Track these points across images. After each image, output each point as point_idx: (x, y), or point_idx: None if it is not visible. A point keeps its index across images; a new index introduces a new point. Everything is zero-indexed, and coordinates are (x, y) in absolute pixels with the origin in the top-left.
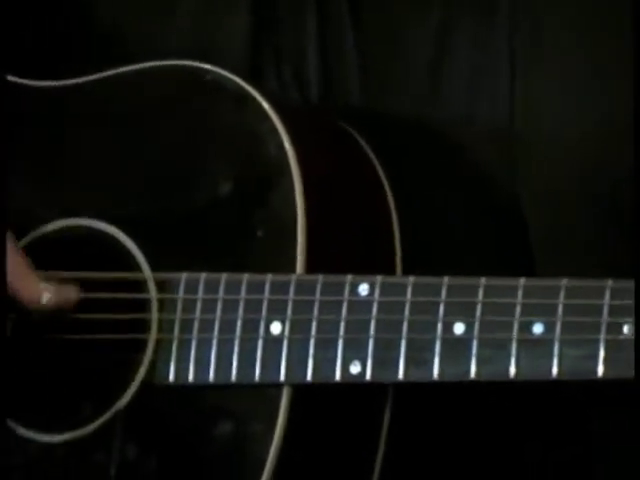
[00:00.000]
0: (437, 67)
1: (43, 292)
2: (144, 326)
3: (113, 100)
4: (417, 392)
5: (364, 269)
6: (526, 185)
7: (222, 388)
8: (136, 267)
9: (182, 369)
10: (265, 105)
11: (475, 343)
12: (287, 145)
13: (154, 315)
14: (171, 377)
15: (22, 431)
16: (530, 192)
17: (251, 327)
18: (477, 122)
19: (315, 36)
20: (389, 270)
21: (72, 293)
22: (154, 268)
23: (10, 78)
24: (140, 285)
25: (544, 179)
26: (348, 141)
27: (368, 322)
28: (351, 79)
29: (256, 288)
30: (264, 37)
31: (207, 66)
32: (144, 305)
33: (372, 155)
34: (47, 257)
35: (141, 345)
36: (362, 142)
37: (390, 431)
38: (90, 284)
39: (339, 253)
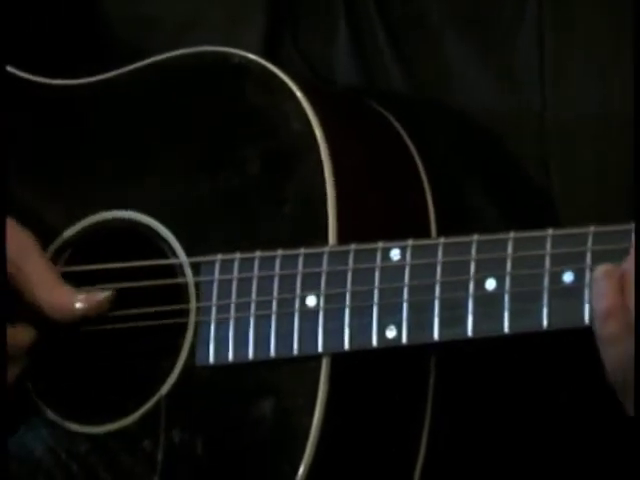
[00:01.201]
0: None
1: (75, 302)
2: (181, 311)
3: (141, 90)
4: (460, 354)
5: (397, 237)
6: (558, 173)
7: (262, 365)
8: (171, 253)
9: (221, 349)
10: (291, 84)
11: (507, 297)
12: (313, 120)
13: (192, 299)
14: (211, 358)
15: (67, 424)
16: (562, 180)
17: (286, 301)
18: (509, 111)
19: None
20: (423, 233)
21: (104, 298)
22: (189, 252)
23: (39, 78)
24: (176, 270)
25: (576, 167)
26: (377, 117)
27: (401, 286)
28: (389, 71)
29: (290, 263)
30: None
31: (233, 50)
32: (181, 290)
33: (403, 132)
34: (83, 251)
35: (180, 330)
36: (392, 119)
37: (436, 396)
38: (127, 273)
39: (370, 223)
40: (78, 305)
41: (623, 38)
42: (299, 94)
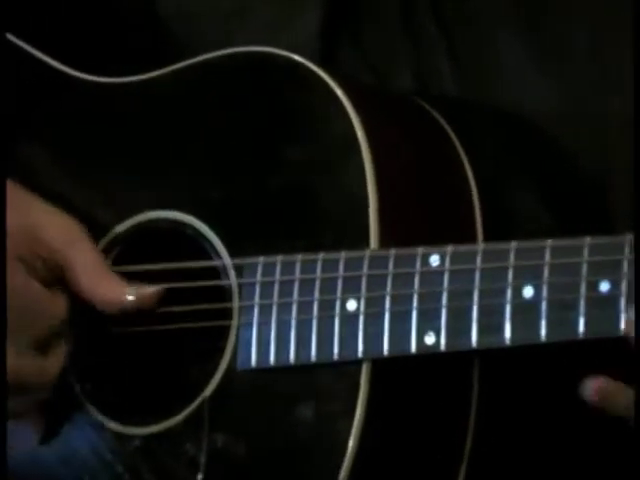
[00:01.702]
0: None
1: (125, 293)
2: (224, 313)
3: (187, 90)
4: (504, 360)
5: (440, 242)
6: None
7: (302, 368)
8: (215, 254)
9: (262, 353)
10: (334, 86)
11: (544, 305)
12: (356, 123)
13: (235, 301)
14: (253, 362)
15: (112, 425)
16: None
17: (327, 305)
18: (566, 112)
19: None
20: (469, 238)
21: (154, 292)
22: (232, 253)
23: (89, 76)
24: (219, 272)
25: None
26: (425, 119)
27: (440, 292)
28: (442, 72)
29: (331, 266)
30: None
31: (277, 51)
32: (223, 291)
33: (451, 133)
34: (128, 251)
35: (222, 332)
36: (439, 119)
37: (480, 402)
38: (170, 274)
39: (412, 228)
40: (128, 297)
41: None
42: (341, 95)
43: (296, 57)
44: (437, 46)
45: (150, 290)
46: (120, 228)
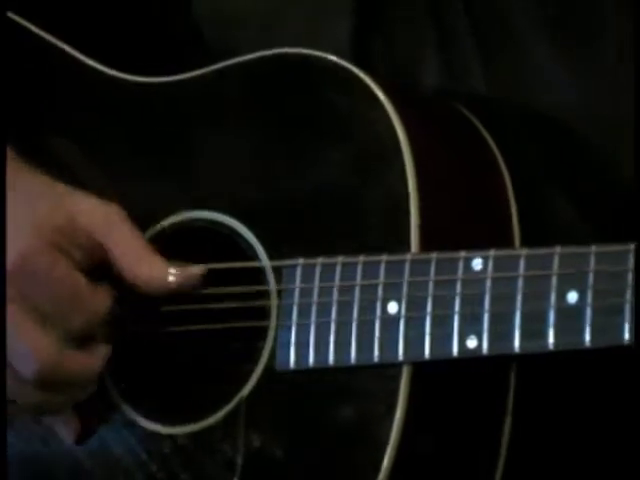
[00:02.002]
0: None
1: (169, 273)
2: (263, 314)
3: (224, 91)
4: (541, 365)
5: (479, 247)
6: None
7: (342, 369)
8: (254, 256)
9: (302, 354)
10: (375, 88)
11: (589, 311)
12: (398, 127)
13: (273, 303)
14: (292, 363)
15: (147, 424)
16: None
17: (368, 308)
18: (602, 115)
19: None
20: (507, 244)
21: (197, 272)
22: (271, 255)
23: (121, 74)
24: (258, 273)
25: None
26: (461, 122)
27: (482, 296)
28: (474, 73)
29: (371, 269)
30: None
31: (315, 52)
32: (262, 292)
33: (488, 137)
34: (166, 250)
35: (261, 333)
36: (476, 122)
37: (516, 407)
38: (209, 275)
39: (453, 232)
40: (171, 278)
41: None
42: (383, 98)
43: (336, 59)
44: (467, 45)
45: (194, 270)
46: (153, 230)
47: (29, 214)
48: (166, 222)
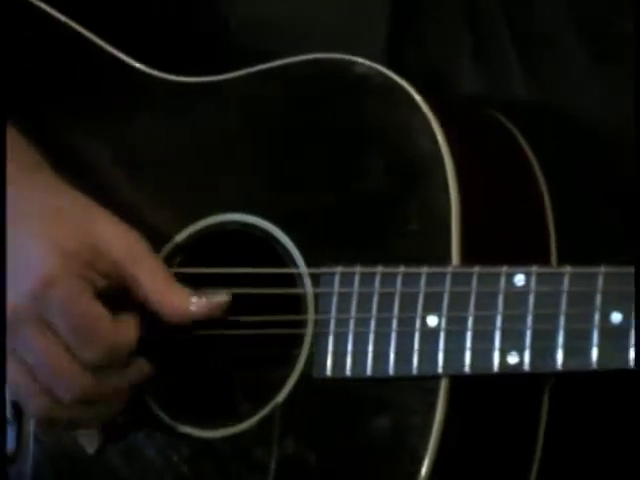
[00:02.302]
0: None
1: (191, 304)
2: (300, 321)
3: (260, 95)
4: (574, 383)
5: (518, 259)
6: None
7: (379, 381)
8: (290, 262)
9: (339, 363)
10: (417, 97)
11: (633, 332)
12: (440, 137)
13: (310, 310)
14: (328, 371)
15: (181, 428)
16: None
17: (407, 320)
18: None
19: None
20: (543, 261)
21: (219, 302)
22: (308, 261)
23: (151, 71)
24: (295, 279)
25: None
26: (500, 132)
27: (525, 313)
28: (513, 80)
29: (411, 281)
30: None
31: (355, 58)
32: (299, 299)
33: (525, 146)
34: (201, 253)
35: (297, 340)
36: (515, 132)
37: (548, 423)
38: (245, 279)
39: (493, 244)
40: (192, 308)
41: None
42: (425, 109)
43: (377, 66)
44: (506, 49)
45: (216, 299)
46: (184, 234)
47: (54, 234)
48: (200, 224)
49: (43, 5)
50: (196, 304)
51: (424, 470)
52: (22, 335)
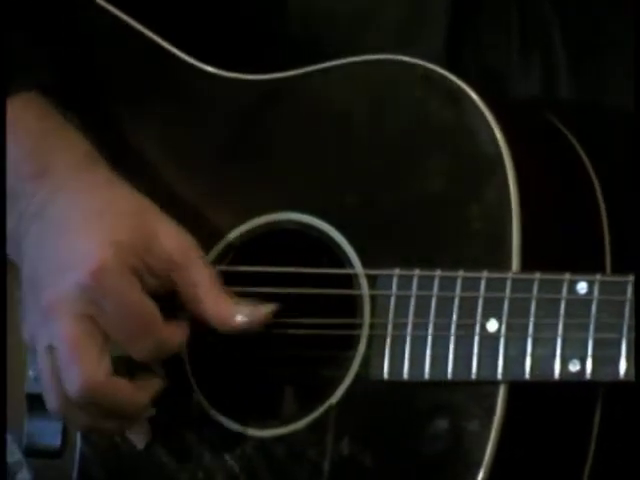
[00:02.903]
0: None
1: (236, 314)
2: (353, 322)
3: (320, 95)
4: (626, 389)
5: (576, 265)
6: None
7: (436, 384)
8: (347, 262)
9: (396, 365)
10: (478, 100)
11: None
12: (501, 141)
13: (366, 311)
14: (385, 373)
15: (234, 426)
16: None
17: (466, 324)
18: None
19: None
20: (598, 266)
21: (266, 313)
22: (365, 264)
23: (215, 70)
24: (351, 280)
25: None
26: (557, 136)
27: (587, 321)
28: (560, 73)
29: (471, 285)
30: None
31: (417, 61)
32: (354, 301)
33: (581, 151)
34: (254, 251)
35: (353, 341)
36: (570, 137)
37: (600, 429)
38: (299, 279)
39: (553, 249)
40: (239, 318)
41: None
42: (486, 111)
43: (437, 68)
44: (558, 48)
45: (263, 310)
46: (237, 232)
47: (107, 227)
48: (254, 222)
49: (105, 4)
50: (242, 314)
51: (481, 475)
52: (56, 325)
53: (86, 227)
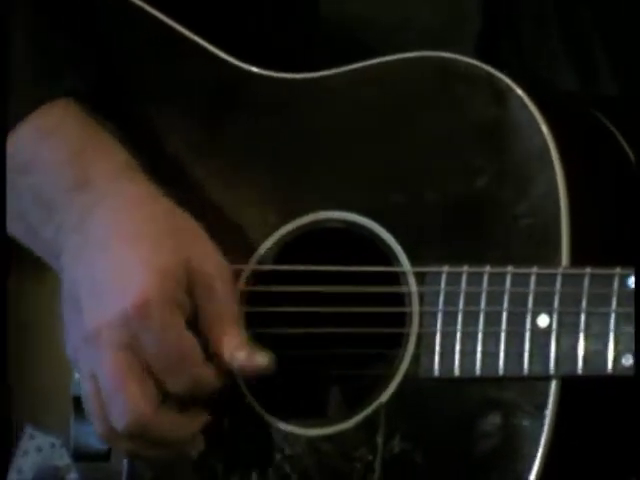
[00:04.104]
0: None
1: (237, 353)
2: (404, 320)
3: (361, 92)
4: None
5: (624, 259)
6: None
7: (487, 381)
8: (393, 260)
9: (447, 362)
10: (524, 96)
11: None
12: (547, 136)
13: (415, 308)
14: (436, 371)
15: (281, 425)
16: None
17: (517, 320)
18: None
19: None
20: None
21: (263, 365)
22: (412, 260)
23: (257, 70)
24: (398, 278)
25: None
26: (603, 131)
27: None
28: (600, 73)
29: (521, 280)
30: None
31: (459, 57)
32: (403, 298)
33: (624, 143)
34: (298, 250)
35: (402, 339)
36: (615, 131)
37: None
38: (346, 277)
39: (601, 244)
40: (238, 360)
41: None
42: (532, 107)
43: (480, 64)
44: (596, 43)
45: (260, 360)
46: (284, 229)
47: (152, 250)
48: (301, 221)
49: (144, 5)
50: (240, 358)
51: (534, 471)
52: (103, 353)
53: (127, 248)
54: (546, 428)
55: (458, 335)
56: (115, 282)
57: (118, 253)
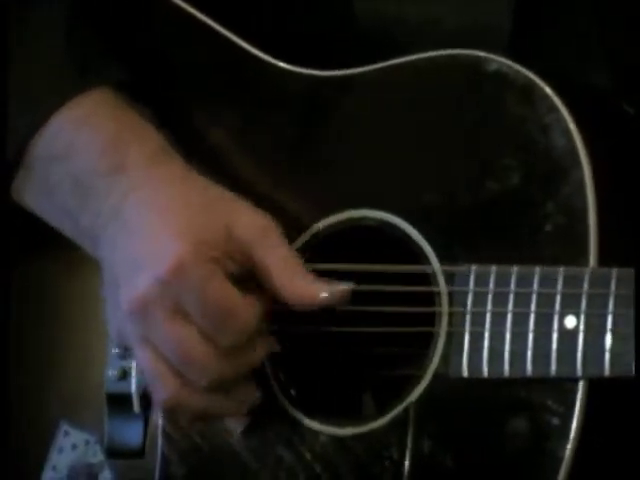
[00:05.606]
0: None
1: (318, 290)
2: (432, 319)
3: (393, 89)
4: None
5: None
6: None
7: (515, 381)
8: (424, 259)
9: (475, 362)
10: (552, 95)
11: None
12: (576, 137)
13: (444, 308)
14: (465, 370)
15: (311, 423)
16: None
17: (544, 320)
18: None
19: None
20: None
21: (346, 289)
22: (442, 259)
23: (288, 66)
24: (428, 278)
25: None
26: (634, 130)
27: None
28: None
29: (548, 281)
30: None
31: (489, 55)
32: (432, 298)
33: None
34: (331, 248)
35: (431, 338)
36: None
37: None
38: (376, 276)
39: (629, 245)
40: (322, 295)
41: None
42: (561, 107)
43: (511, 63)
44: (628, 42)
45: (343, 286)
46: (316, 227)
47: (186, 218)
48: (335, 219)
49: (178, 1)
50: (323, 291)
51: (562, 472)
52: (153, 323)
53: (162, 224)
54: (574, 428)
55: (486, 335)
56: (149, 255)
57: (152, 229)
